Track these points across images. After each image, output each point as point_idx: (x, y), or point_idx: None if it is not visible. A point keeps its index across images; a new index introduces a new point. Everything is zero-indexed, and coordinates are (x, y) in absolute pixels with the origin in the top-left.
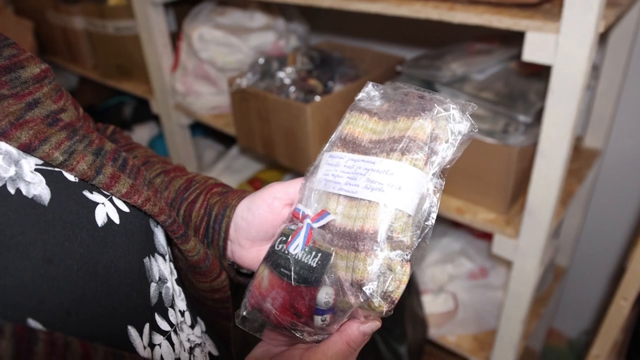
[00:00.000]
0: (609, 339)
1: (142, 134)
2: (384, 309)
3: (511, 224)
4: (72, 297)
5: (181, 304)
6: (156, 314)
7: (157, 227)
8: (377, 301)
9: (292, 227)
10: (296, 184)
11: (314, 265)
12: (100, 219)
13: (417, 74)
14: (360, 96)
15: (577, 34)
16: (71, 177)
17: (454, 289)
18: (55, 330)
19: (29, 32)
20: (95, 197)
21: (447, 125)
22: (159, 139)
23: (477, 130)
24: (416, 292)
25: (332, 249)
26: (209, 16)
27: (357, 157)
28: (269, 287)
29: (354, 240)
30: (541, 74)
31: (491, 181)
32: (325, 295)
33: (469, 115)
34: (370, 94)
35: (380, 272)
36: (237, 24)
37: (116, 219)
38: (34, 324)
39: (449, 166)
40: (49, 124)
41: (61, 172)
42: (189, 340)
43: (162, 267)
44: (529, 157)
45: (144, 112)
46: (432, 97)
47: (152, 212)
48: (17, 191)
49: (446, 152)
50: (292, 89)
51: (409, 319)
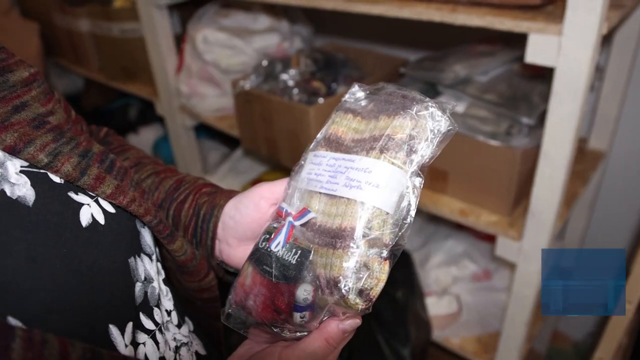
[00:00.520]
0: (613, 342)
1: (147, 135)
2: (360, 306)
3: (514, 226)
4: (53, 296)
5: (168, 303)
6: (141, 313)
7: (143, 227)
8: (352, 298)
9: (275, 225)
10: (283, 183)
11: (294, 262)
12: (84, 220)
13: (420, 76)
14: (346, 97)
15: (580, 35)
16: (57, 179)
17: (457, 291)
18: (35, 327)
19: (35, 34)
20: (80, 198)
21: (427, 123)
22: (164, 140)
23: (456, 128)
24: (420, 294)
25: (312, 246)
26: (213, 18)
27: (339, 155)
28: (252, 284)
29: (333, 237)
30: (544, 75)
31: (494, 183)
32: (304, 292)
33: (448, 114)
34: (356, 94)
35: (356, 269)
36: (241, 26)
37: (101, 220)
38: (13, 321)
39: (427, 164)
40: (35, 126)
41: (46, 173)
42: (174, 339)
43: (148, 267)
44: (532, 159)
45: (149, 113)
46: (413, 96)
47: (137, 213)
48: (2, 192)
49: (425, 151)
50: (296, 90)
51: (412, 321)
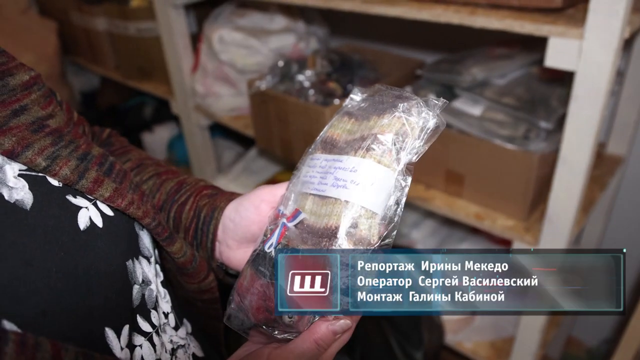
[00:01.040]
0: (630, 349)
1: (162, 134)
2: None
3: (531, 230)
4: (48, 299)
5: (166, 305)
6: (138, 316)
7: (142, 230)
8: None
9: (272, 226)
10: (283, 187)
11: None
12: (82, 223)
13: (437, 78)
14: (347, 101)
15: (601, 40)
16: (55, 182)
17: None
18: (30, 330)
19: (52, 32)
20: (78, 201)
21: (415, 121)
22: (179, 139)
23: (444, 126)
24: None
25: (300, 246)
26: (229, 18)
27: (330, 156)
28: (249, 285)
29: (320, 237)
30: (563, 79)
31: (511, 187)
32: None
33: (437, 110)
34: (355, 98)
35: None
36: (257, 26)
37: (99, 223)
38: (8, 325)
39: (415, 161)
40: (34, 130)
41: (45, 177)
42: (171, 341)
43: (146, 270)
44: (550, 163)
45: (164, 112)
46: (403, 95)
47: (135, 215)
48: (0, 196)
49: (413, 148)
50: (312, 91)
51: (425, 324)
